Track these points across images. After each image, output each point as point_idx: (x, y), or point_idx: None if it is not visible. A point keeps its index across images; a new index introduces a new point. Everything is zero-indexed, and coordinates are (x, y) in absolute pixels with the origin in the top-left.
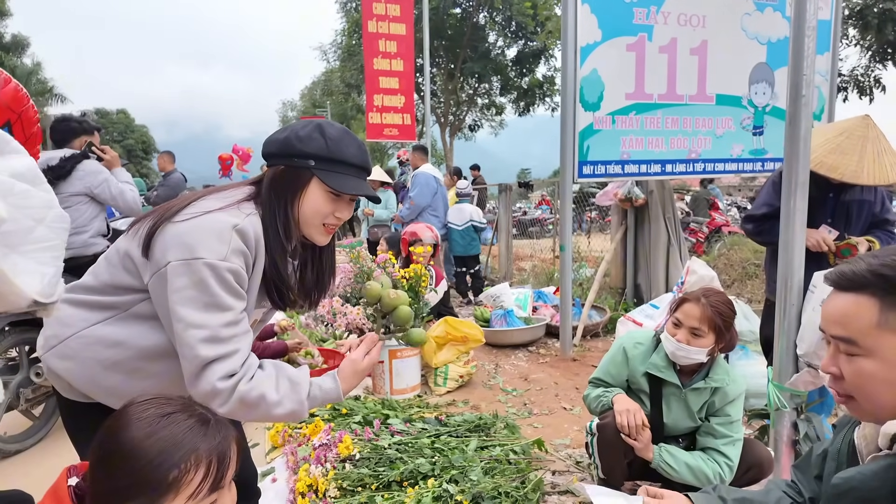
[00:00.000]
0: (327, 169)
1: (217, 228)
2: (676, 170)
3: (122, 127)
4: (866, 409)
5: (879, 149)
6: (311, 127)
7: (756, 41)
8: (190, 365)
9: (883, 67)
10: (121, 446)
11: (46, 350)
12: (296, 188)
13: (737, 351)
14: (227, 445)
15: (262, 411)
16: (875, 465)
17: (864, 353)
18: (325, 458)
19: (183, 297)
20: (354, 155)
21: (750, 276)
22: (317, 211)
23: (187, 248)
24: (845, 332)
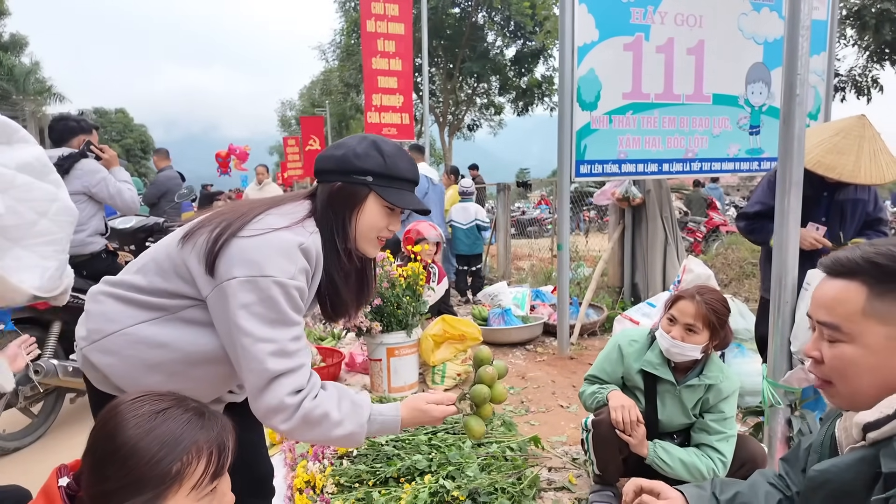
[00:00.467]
0: (385, 185)
1: (285, 248)
2: (673, 169)
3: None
4: (843, 395)
5: (875, 148)
6: (367, 143)
7: (753, 41)
8: (257, 379)
9: (880, 68)
10: (120, 447)
11: (89, 343)
12: (353, 204)
13: (732, 349)
14: (226, 435)
15: (323, 430)
16: (849, 457)
17: (847, 339)
18: (322, 454)
19: (251, 312)
20: (408, 170)
21: (747, 275)
22: (373, 225)
23: (256, 265)
24: (830, 318)
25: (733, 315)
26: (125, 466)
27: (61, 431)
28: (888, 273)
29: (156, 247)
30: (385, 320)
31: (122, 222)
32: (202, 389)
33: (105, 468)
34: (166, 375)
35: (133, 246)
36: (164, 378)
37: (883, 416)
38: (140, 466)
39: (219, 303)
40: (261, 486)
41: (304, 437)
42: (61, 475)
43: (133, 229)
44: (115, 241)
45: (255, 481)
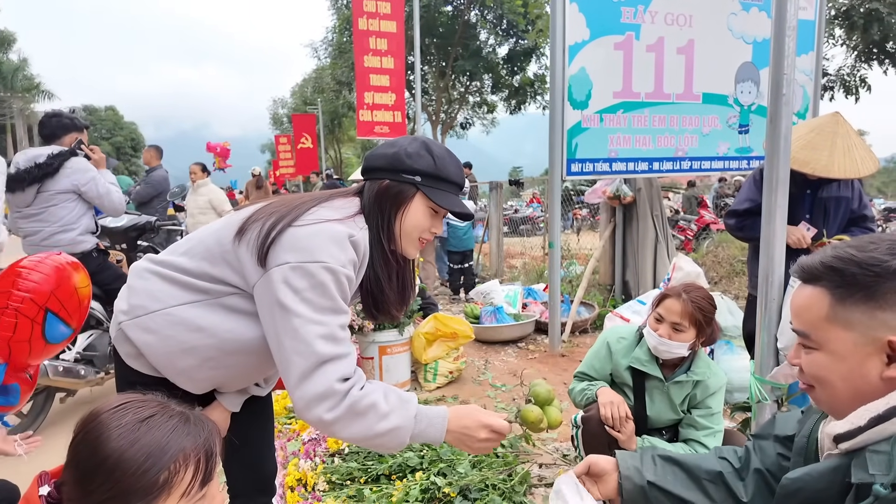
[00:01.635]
0: (432, 186)
1: (337, 237)
2: (663, 168)
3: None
4: (824, 402)
5: (850, 143)
6: (419, 144)
7: (742, 40)
8: (305, 362)
9: (868, 67)
10: (104, 459)
11: (130, 318)
12: (400, 202)
13: (721, 346)
14: (213, 440)
15: (369, 422)
16: (822, 466)
17: (817, 347)
18: (314, 452)
19: (302, 297)
20: (455, 174)
21: (737, 272)
22: (416, 225)
23: (308, 251)
24: (800, 325)
25: (722, 312)
26: (111, 479)
27: (51, 431)
28: (848, 278)
29: (206, 230)
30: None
31: (113, 221)
32: (232, 378)
33: (90, 481)
34: (200, 360)
35: (124, 244)
36: (198, 363)
37: (854, 428)
38: (126, 478)
39: (267, 289)
40: (267, 484)
41: (347, 430)
42: (42, 483)
43: (124, 228)
44: (106, 239)
45: (262, 480)
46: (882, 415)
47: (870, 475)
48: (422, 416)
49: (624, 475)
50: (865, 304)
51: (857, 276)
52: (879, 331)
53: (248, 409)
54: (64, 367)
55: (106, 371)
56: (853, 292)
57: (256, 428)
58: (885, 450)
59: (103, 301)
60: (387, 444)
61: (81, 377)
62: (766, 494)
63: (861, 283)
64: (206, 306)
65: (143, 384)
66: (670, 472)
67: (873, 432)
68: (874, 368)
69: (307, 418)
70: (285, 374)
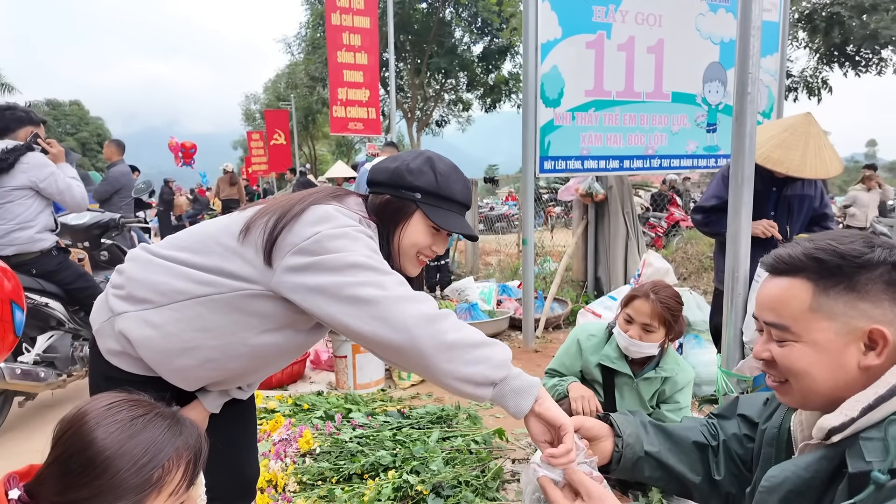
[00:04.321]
0: (433, 204)
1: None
2: (634, 165)
3: (75, 119)
4: (797, 395)
5: (820, 144)
6: (422, 160)
7: (710, 41)
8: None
9: (830, 69)
10: (99, 453)
11: (134, 310)
12: (398, 219)
13: (690, 340)
14: (201, 442)
15: (472, 332)
16: (808, 457)
17: (796, 339)
18: (284, 452)
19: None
20: (460, 192)
21: (706, 268)
22: (414, 243)
23: (324, 219)
24: (778, 318)
25: (690, 307)
26: (105, 473)
27: (10, 436)
28: (831, 268)
29: (211, 225)
30: None
31: (75, 218)
32: (227, 379)
33: (80, 476)
34: (200, 361)
35: (87, 243)
36: (196, 363)
37: (848, 420)
38: (122, 472)
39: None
40: (248, 488)
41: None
42: (11, 486)
43: (87, 226)
44: (67, 237)
45: (243, 484)
46: (871, 404)
47: (867, 463)
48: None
49: (627, 442)
50: (847, 295)
51: (841, 266)
52: (860, 321)
53: (231, 411)
54: (22, 370)
55: (68, 373)
56: (836, 283)
57: (239, 430)
58: (877, 436)
59: (64, 301)
60: (492, 357)
61: (41, 380)
62: (733, 473)
63: (843, 273)
64: (214, 303)
65: (125, 381)
66: (662, 441)
67: (863, 421)
68: (852, 357)
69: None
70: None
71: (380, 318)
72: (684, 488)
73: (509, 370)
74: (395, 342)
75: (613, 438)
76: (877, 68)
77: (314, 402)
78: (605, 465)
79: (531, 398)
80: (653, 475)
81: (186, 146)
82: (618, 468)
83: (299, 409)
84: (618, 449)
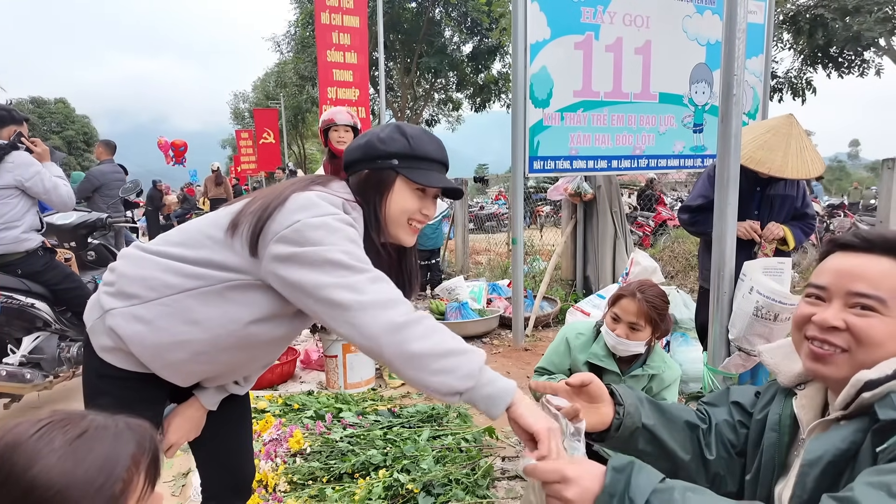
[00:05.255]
0: (411, 166)
1: (331, 200)
2: (622, 165)
3: (60, 117)
4: (846, 367)
5: (801, 145)
6: (391, 128)
7: (696, 42)
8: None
9: (814, 70)
10: (46, 492)
11: (123, 306)
12: (382, 189)
13: (677, 338)
14: (154, 439)
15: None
16: (844, 430)
17: (882, 312)
18: (275, 452)
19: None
20: (434, 150)
21: (693, 267)
22: (403, 208)
23: (305, 206)
24: (874, 290)
25: (678, 305)
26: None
27: None
28: None
29: (203, 220)
30: None
31: (61, 218)
32: (221, 373)
33: None
34: (191, 354)
35: (73, 242)
36: (187, 357)
37: (883, 376)
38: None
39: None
40: (243, 486)
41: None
42: None
43: (73, 225)
44: (54, 237)
45: (239, 482)
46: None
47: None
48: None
49: (627, 411)
50: None
51: None
52: None
53: (226, 409)
54: (7, 372)
55: (55, 375)
56: None
57: (234, 428)
58: None
59: (51, 302)
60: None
61: (27, 381)
62: (724, 458)
63: None
64: (204, 295)
65: (118, 379)
66: (658, 416)
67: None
68: None
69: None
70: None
71: (351, 323)
72: (672, 466)
73: (478, 379)
74: (366, 348)
75: (614, 406)
76: (859, 70)
77: (304, 401)
78: (604, 432)
79: (502, 405)
80: (645, 448)
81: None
82: (616, 436)
83: (289, 409)
84: (618, 416)
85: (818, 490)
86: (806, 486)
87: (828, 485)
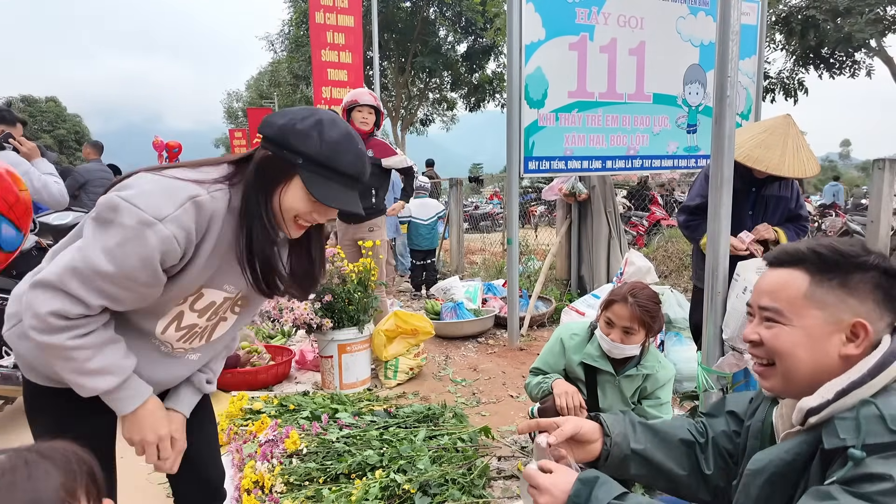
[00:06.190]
0: (315, 172)
1: (172, 192)
2: (616, 166)
3: (52, 116)
4: (779, 378)
5: (798, 145)
6: (312, 122)
7: (690, 43)
8: (36, 275)
9: (805, 71)
10: None
11: (8, 329)
12: (278, 180)
13: (671, 337)
14: (83, 459)
15: (74, 365)
16: (789, 443)
17: (786, 322)
18: (271, 453)
19: (95, 224)
20: (349, 164)
21: (686, 266)
22: (291, 208)
23: (133, 191)
24: (773, 302)
25: (671, 305)
26: None
27: None
28: (829, 263)
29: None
30: (336, 317)
31: (57, 218)
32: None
33: None
34: None
35: None
36: None
37: (825, 401)
38: None
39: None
40: (215, 490)
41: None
42: None
43: (69, 225)
44: (49, 237)
45: (209, 486)
46: (845, 388)
47: (840, 439)
48: (126, 387)
49: (615, 441)
50: (839, 290)
51: (839, 262)
52: (846, 314)
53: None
54: (2, 374)
55: None
56: (831, 277)
57: (196, 431)
58: (850, 416)
59: None
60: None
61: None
62: (721, 468)
63: (840, 269)
64: None
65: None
66: (650, 439)
67: (837, 405)
68: (834, 346)
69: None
70: None
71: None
72: (671, 483)
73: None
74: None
75: (603, 438)
76: (850, 70)
77: (300, 402)
78: (594, 462)
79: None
80: (639, 472)
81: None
82: (606, 465)
83: (285, 410)
84: (606, 447)
85: (762, 500)
86: (750, 494)
87: (776, 496)
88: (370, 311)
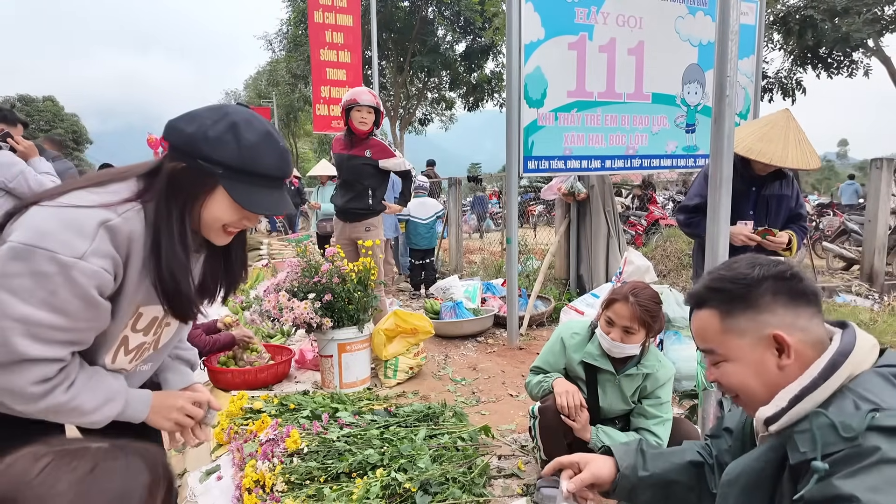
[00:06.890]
0: (237, 180)
1: (78, 224)
2: (615, 165)
3: (49, 116)
4: (749, 405)
5: (799, 137)
6: (224, 126)
7: (689, 43)
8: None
9: (803, 71)
10: None
11: None
12: (196, 193)
13: (670, 336)
14: (167, 464)
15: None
16: (758, 449)
17: (724, 359)
18: (272, 453)
19: (12, 284)
20: (272, 165)
21: (685, 265)
22: (218, 219)
23: (38, 233)
24: (704, 345)
25: (671, 304)
26: None
27: None
28: (726, 294)
29: None
30: (336, 316)
31: None
32: None
33: None
34: None
35: None
36: None
37: (779, 409)
38: None
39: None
40: None
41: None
42: None
43: None
44: None
45: None
46: (797, 395)
47: (801, 453)
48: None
49: (622, 473)
50: (747, 312)
51: (733, 290)
52: (764, 329)
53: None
54: None
55: None
56: (735, 305)
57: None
58: (806, 428)
59: None
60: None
61: None
62: None
63: (738, 295)
64: None
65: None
66: (660, 464)
67: (793, 412)
68: (771, 362)
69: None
70: None
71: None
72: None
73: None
74: None
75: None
76: (848, 70)
77: (300, 401)
78: (605, 492)
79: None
80: (649, 500)
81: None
82: (615, 493)
83: (285, 409)
84: (615, 480)
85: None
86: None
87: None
88: (370, 310)
